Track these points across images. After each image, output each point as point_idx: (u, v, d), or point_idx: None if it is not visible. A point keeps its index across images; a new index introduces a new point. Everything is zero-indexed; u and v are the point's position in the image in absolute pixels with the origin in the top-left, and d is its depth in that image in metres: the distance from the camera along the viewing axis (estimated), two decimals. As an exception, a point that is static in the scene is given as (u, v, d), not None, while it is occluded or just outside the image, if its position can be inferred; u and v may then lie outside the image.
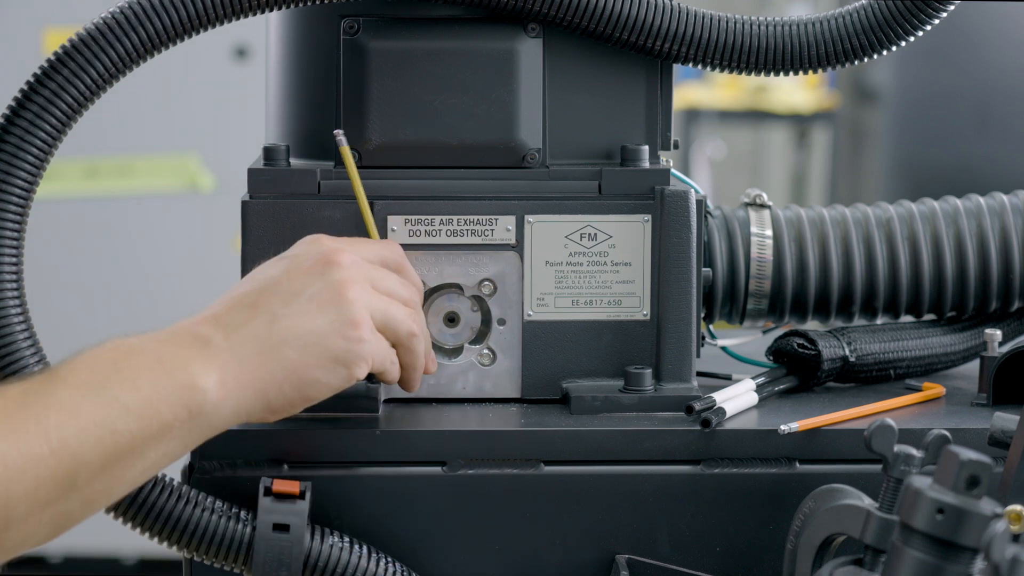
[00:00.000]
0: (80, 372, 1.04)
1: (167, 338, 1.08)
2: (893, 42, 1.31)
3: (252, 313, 1.11)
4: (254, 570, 1.17)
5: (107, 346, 1.06)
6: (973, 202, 1.40)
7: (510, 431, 1.24)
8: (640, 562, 1.22)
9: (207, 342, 1.09)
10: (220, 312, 1.11)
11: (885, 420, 1.10)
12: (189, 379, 1.06)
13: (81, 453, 1.01)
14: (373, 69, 1.29)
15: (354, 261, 1.15)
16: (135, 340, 1.07)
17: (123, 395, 1.03)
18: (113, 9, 1.21)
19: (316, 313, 1.12)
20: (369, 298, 1.14)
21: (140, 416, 1.04)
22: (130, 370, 1.05)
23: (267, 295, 1.12)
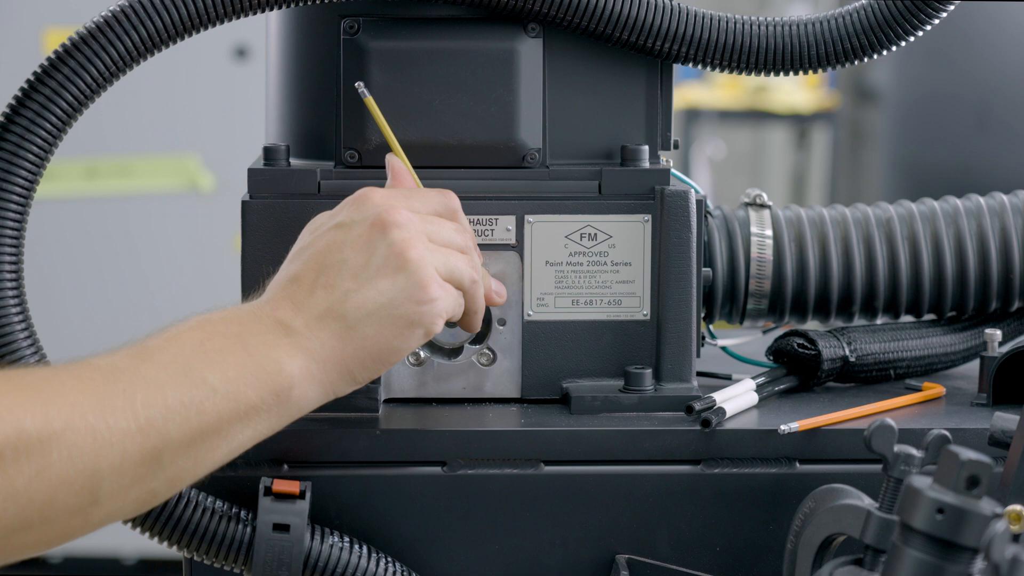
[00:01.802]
0: (167, 351, 1.06)
1: (250, 320, 1.10)
2: (893, 42, 1.31)
3: (325, 294, 1.12)
4: (254, 570, 1.17)
5: (192, 324, 1.08)
6: (973, 202, 1.40)
7: (510, 431, 1.24)
8: (640, 562, 1.22)
9: (288, 328, 1.10)
10: (295, 293, 1.12)
11: (885, 420, 1.10)
12: (275, 365, 1.08)
13: (167, 431, 1.03)
14: (373, 69, 1.29)
15: (409, 218, 1.15)
16: (220, 320, 1.09)
17: (210, 377, 1.05)
18: (112, 8, 1.21)
19: (385, 282, 1.12)
20: (431, 255, 1.15)
21: (227, 398, 1.06)
22: (217, 352, 1.07)
23: (335, 272, 1.12)
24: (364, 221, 1.15)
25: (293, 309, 1.11)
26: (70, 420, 0.99)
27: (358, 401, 1.26)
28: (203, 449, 1.05)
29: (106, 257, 3.75)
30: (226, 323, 1.09)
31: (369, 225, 1.14)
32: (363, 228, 1.14)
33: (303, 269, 1.14)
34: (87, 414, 1.00)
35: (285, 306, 1.12)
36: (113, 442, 1.00)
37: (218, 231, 3.72)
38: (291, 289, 1.13)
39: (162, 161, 3.75)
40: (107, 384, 1.02)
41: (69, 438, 0.98)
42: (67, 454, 0.98)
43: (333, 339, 1.11)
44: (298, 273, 1.14)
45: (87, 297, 3.75)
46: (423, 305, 1.13)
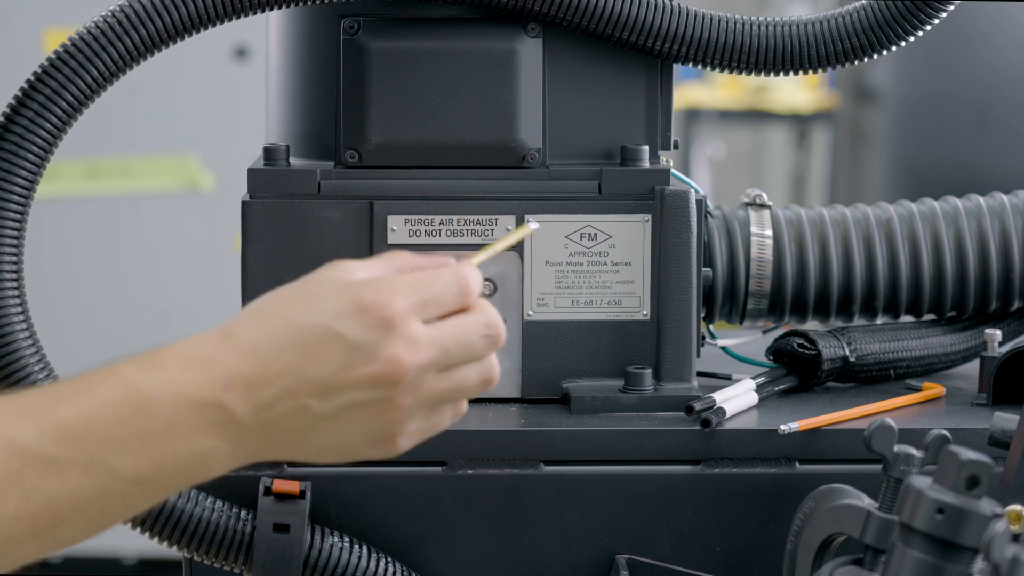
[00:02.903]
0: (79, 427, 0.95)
1: (186, 399, 0.96)
2: (893, 42, 1.31)
3: (290, 402, 0.97)
4: (254, 570, 1.17)
5: (112, 400, 0.96)
6: (973, 202, 1.40)
7: (510, 431, 1.24)
8: (640, 562, 1.22)
9: (231, 417, 0.97)
10: (258, 383, 0.97)
11: (885, 420, 1.10)
12: (197, 459, 0.97)
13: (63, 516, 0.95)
14: (373, 69, 1.29)
15: (418, 379, 0.99)
16: (151, 394, 0.95)
17: (119, 464, 0.95)
18: (113, 9, 1.21)
19: (355, 424, 0.99)
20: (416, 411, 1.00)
21: (134, 486, 0.96)
22: (134, 436, 0.95)
23: (310, 388, 0.97)
24: (370, 360, 0.98)
25: (246, 397, 0.96)
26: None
27: (358, 401, 1.26)
28: (98, 527, 0.98)
29: (106, 257, 3.75)
30: (159, 396, 0.95)
31: (374, 370, 0.98)
32: (365, 366, 0.98)
33: (283, 352, 0.97)
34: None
35: (240, 391, 0.96)
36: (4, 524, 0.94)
37: (218, 231, 3.72)
38: (257, 371, 0.97)
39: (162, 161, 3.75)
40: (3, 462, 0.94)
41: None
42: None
43: (275, 444, 0.99)
44: (276, 354, 0.97)
45: (87, 297, 3.75)
46: (383, 453, 1.01)
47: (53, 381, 1.19)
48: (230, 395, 0.96)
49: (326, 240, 1.28)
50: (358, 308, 0.98)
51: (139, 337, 3.73)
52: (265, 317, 0.99)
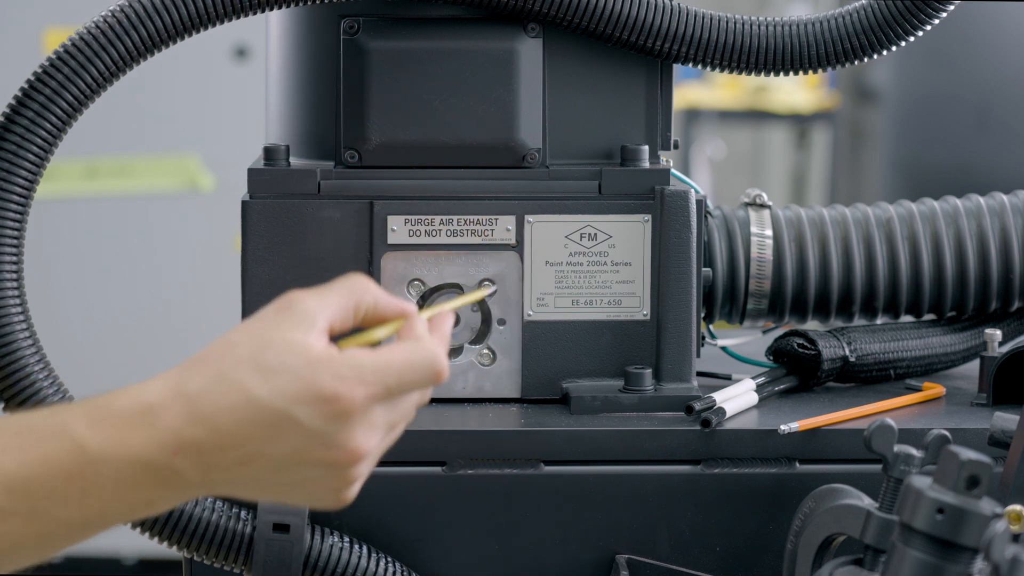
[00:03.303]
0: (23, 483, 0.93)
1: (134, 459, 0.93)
2: (893, 42, 1.31)
3: (240, 470, 0.95)
4: (254, 570, 1.17)
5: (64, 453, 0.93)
6: (973, 202, 1.40)
7: (510, 431, 1.24)
8: (640, 562, 1.22)
9: (179, 477, 0.94)
10: (209, 450, 0.94)
11: (885, 420, 1.10)
12: (144, 504, 0.95)
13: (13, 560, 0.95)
14: (373, 69, 1.29)
15: (373, 453, 0.98)
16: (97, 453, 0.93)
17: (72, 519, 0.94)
18: (113, 9, 1.21)
19: (305, 490, 0.98)
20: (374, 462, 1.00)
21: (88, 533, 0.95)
22: (79, 492, 0.93)
23: (262, 462, 0.95)
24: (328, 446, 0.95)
25: (195, 461, 0.94)
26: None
27: (358, 401, 1.26)
28: (39, 559, 0.97)
29: (106, 257, 3.75)
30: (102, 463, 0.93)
31: (332, 455, 0.96)
32: (324, 453, 0.95)
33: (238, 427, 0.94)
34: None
35: (187, 454, 0.94)
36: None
37: (218, 231, 3.72)
38: (209, 440, 0.94)
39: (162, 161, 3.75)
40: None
41: None
42: None
43: (224, 488, 0.96)
44: (230, 428, 0.94)
45: (87, 297, 3.75)
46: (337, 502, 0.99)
47: (53, 381, 1.19)
48: (178, 459, 0.94)
49: (326, 240, 1.28)
50: (318, 397, 0.95)
51: (139, 337, 3.73)
52: (222, 383, 0.95)
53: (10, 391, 1.18)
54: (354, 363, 0.95)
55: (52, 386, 1.19)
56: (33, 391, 1.18)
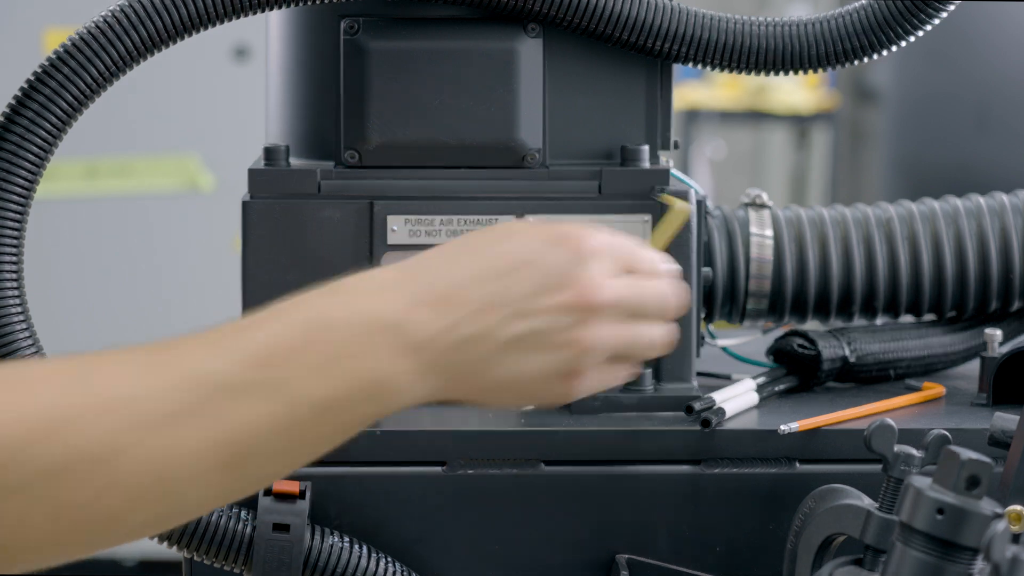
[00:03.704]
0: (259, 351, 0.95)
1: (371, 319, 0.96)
2: (893, 42, 1.31)
3: (478, 324, 0.97)
4: (254, 570, 1.17)
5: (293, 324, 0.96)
6: (973, 202, 1.41)
7: (510, 431, 1.24)
8: (640, 562, 1.22)
9: (414, 340, 0.96)
10: (444, 303, 0.97)
11: (885, 420, 1.10)
12: (381, 383, 0.96)
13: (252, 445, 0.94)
14: (373, 69, 1.29)
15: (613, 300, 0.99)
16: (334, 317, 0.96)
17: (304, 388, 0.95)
18: (113, 9, 1.21)
19: (539, 354, 0.99)
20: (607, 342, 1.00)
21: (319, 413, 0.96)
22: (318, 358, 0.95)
23: (502, 310, 0.97)
24: (566, 287, 0.99)
25: (434, 315, 0.97)
26: (142, 435, 0.92)
27: (358, 401, 1.26)
28: (287, 459, 0.98)
29: (106, 257, 3.75)
30: (340, 326, 0.96)
31: (570, 296, 0.98)
32: (560, 293, 0.98)
33: (473, 278, 0.98)
34: (161, 427, 0.92)
35: (425, 309, 0.97)
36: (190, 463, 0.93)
37: (218, 231, 3.72)
38: (445, 292, 0.98)
39: (162, 161, 3.75)
40: (186, 393, 0.93)
41: (139, 453, 0.91)
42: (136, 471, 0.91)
43: (457, 371, 0.98)
44: (465, 280, 0.98)
45: (87, 297, 3.75)
46: (563, 392, 1.01)
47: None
48: (414, 315, 0.96)
49: (326, 240, 1.28)
50: (555, 238, 0.99)
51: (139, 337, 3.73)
52: (454, 249, 1.00)
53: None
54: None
55: (52, 386, 1.18)
56: (33, 391, 1.18)
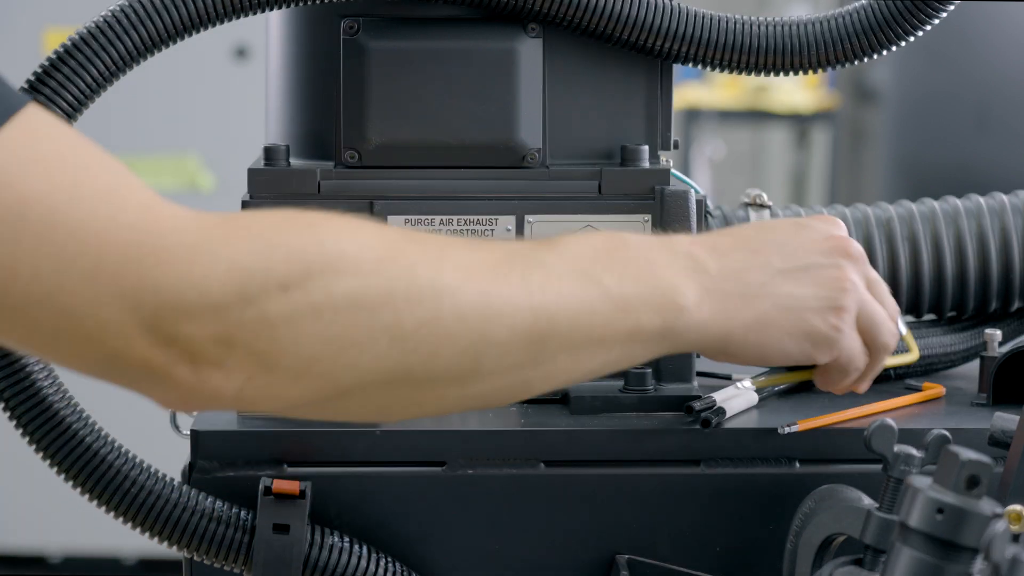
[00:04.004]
0: (567, 247, 1.05)
1: (660, 245, 1.09)
2: (893, 42, 1.31)
3: (750, 257, 1.11)
4: (254, 570, 1.17)
5: (596, 235, 1.08)
6: (973, 202, 1.41)
7: (510, 431, 1.24)
8: (640, 562, 1.22)
9: (698, 263, 1.09)
10: (720, 243, 1.11)
11: (885, 420, 1.10)
12: (672, 291, 1.07)
13: (556, 320, 1.02)
14: (373, 69, 1.29)
15: (862, 258, 1.15)
16: (631, 239, 1.08)
17: (607, 280, 1.04)
18: (113, 9, 1.21)
19: (809, 284, 1.12)
20: (863, 295, 1.14)
21: (618, 307, 1.05)
22: (620, 262, 1.06)
23: (770, 247, 1.12)
24: (825, 234, 1.15)
25: (711, 251, 1.10)
26: (464, 280, 0.99)
27: (358, 401, 1.26)
28: (582, 353, 1.04)
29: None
30: (636, 239, 1.08)
31: (828, 239, 1.15)
32: (821, 237, 1.14)
33: (743, 233, 1.14)
34: (482, 279, 1.00)
35: (704, 246, 1.10)
36: (504, 313, 1.00)
37: (218, 231, 3.71)
38: (719, 239, 1.12)
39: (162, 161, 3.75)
40: (504, 260, 1.02)
41: (461, 296, 0.98)
42: (457, 311, 0.98)
43: (734, 296, 1.10)
44: (736, 232, 1.14)
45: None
46: (829, 328, 1.13)
47: (53, 381, 1.19)
48: (697, 248, 1.10)
49: (326, 240, 1.28)
50: (815, 218, 1.16)
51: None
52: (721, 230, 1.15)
53: (13, 389, 1.18)
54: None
55: (52, 386, 1.19)
56: (34, 390, 1.18)
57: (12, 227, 0.90)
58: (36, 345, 0.95)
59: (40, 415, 1.18)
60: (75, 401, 1.20)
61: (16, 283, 0.90)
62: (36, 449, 1.19)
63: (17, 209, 0.90)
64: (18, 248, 0.90)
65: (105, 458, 1.18)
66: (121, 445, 1.20)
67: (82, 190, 0.92)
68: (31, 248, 0.90)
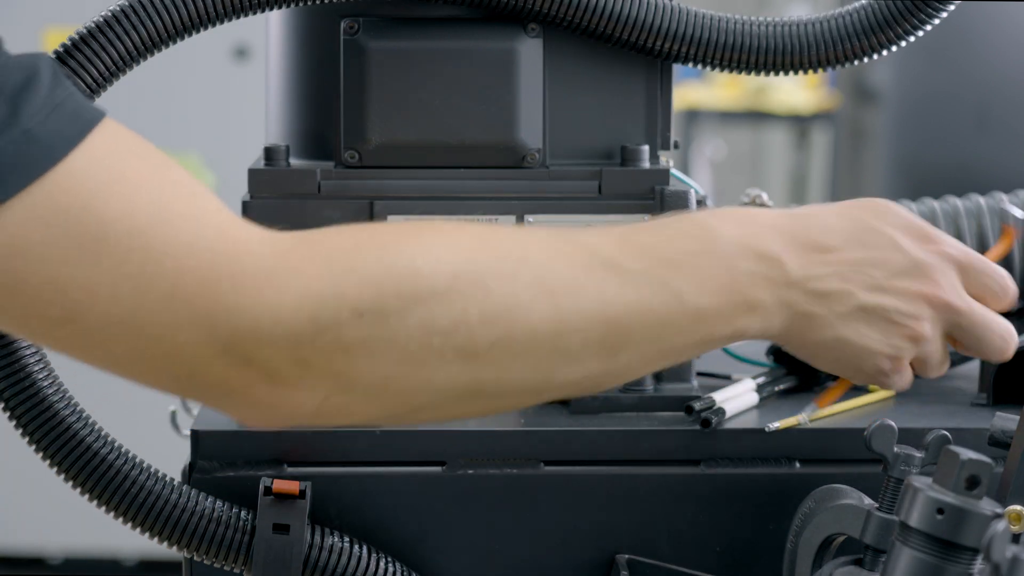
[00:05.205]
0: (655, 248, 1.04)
1: (748, 247, 1.05)
2: (893, 42, 1.31)
3: (838, 283, 1.07)
4: (254, 570, 1.17)
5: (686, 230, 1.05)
6: (973, 202, 1.40)
7: (510, 431, 1.24)
8: (640, 562, 1.22)
9: (783, 275, 1.06)
10: (816, 253, 1.07)
11: (885, 420, 1.10)
12: (748, 305, 1.05)
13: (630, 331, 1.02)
14: (373, 69, 1.29)
15: (942, 319, 1.11)
16: (719, 234, 1.05)
17: (685, 290, 1.03)
18: (113, 8, 1.21)
19: (881, 330, 1.09)
20: (928, 347, 1.11)
21: (693, 319, 1.04)
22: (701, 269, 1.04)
23: (863, 278, 1.07)
24: (925, 278, 1.10)
25: (799, 253, 1.06)
26: (537, 294, 0.99)
27: (358, 401, 1.26)
28: (653, 357, 1.05)
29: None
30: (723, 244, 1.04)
31: (927, 287, 1.10)
32: (918, 281, 1.09)
33: (846, 241, 1.08)
34: (556, 292, 0.99)
35: (797, 252, 1.06)
36: (577, 328, 1.00)
37: (218, 231, 3.71)
38: (819, 243, 1.07)
39: (162, 161, 3.74)
40: (582, 267, 1.01)
41: (534, 313, 0.99)
42: (530, 328, 0.99)
43: (804, 320, 1.07)
44: (839, 242, 1.08)
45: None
46: (879, 373, 1.11)
47: (53, 381, 1.19)
48: (790, 256, 1.06)
49: (326, 240, 1.28)
50: (923, 235, 1.10)
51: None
52: (832, 208, 1.10)
53: (13, 389, 1.18)
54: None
55: (52, 386, 1.19)
56: (34, 391, 1.18)
57: (92, 249, 0.91)
58: (115, 365, 0.96)
59: (40, 415, 1.18)
60: (75, 401, 1.20)
61: (95, 305, 0.91)
62: (36, 449, 1.19)
63: (97, 230, 0.91)
64: (98, 270, 0.91)
65: (105, 458, 1.18)
66: (121, 445, 1.20)
67: (162, 213, 0.93)
68: (110, 270, 0.91)
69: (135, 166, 0.95)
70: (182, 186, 0.96)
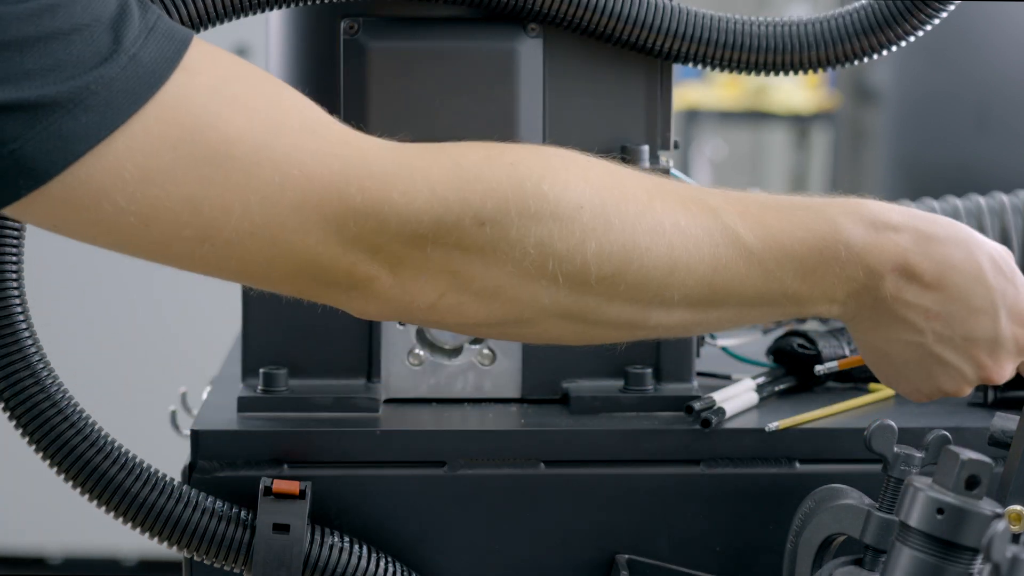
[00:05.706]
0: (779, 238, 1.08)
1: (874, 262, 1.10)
2: (893, 42, 1.31)
3: (925, 310, 1.12)
4: (254, 570, 1.17)
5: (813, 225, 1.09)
6: (973, 202, 1.41)
7: (510, 431, 1.24)
8: (640, 562, 1.22)
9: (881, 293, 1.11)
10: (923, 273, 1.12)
11: (885, 420, 1.10)
12: (837, 302, 1.11)
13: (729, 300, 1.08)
14: (373, 69, 1.29)
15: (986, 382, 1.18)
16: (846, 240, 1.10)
17: (790, 282, 1.09)
18: (113, 9, 1.21)
19: (927, 369, 1.15)
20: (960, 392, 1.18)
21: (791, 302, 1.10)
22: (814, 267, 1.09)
23: (951, 322, 1.13)
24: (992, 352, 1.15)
25: (899, 286, 1.11)
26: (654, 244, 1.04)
27: (358, 401, 1.26)
28: (743, 322, 1.13)
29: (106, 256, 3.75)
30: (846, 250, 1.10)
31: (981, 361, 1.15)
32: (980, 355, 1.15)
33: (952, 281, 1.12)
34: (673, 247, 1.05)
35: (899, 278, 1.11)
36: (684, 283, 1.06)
37: (218, 231, 3.72)
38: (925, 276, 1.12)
39: (162, 161, 3.74)
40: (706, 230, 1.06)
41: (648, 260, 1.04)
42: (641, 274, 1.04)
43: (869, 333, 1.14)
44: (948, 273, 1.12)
45: (87, 297, 3.75)
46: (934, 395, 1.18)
47: (55, 381, 1.19)
48: (893, 274, 1.11)
49: (326, 240, 1.27)
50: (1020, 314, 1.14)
51: (139, 336, 3.73)
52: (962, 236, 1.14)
53: (12, 389, 1.18)
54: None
55: (54, 385, 1.19)
56: (34, 391, 1.18)
57: (221, 167, 0.95)
58: (249, 276, 1.02)
59: (40, 415, 1.18)
60: (75, 401, 1.20)
61: (229, 219, 0.96)
62: (36, 449, 1.19)
63: (224, 149, 0.96)
64: (228, 186, 0.96)
65: (105, 458, 1.18)
66: (121, 445, 1.20)
67: (282, 127, 0.98)
68: (240, 184, 0.96)
69: (246, 87, 0.99)
70: (294, 102, 1.01)
